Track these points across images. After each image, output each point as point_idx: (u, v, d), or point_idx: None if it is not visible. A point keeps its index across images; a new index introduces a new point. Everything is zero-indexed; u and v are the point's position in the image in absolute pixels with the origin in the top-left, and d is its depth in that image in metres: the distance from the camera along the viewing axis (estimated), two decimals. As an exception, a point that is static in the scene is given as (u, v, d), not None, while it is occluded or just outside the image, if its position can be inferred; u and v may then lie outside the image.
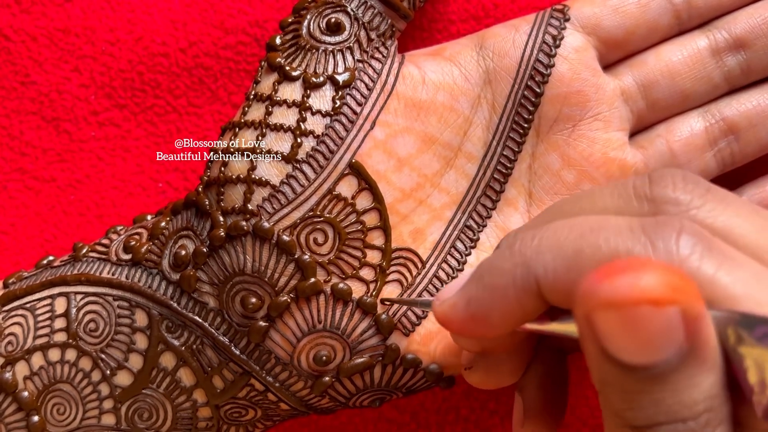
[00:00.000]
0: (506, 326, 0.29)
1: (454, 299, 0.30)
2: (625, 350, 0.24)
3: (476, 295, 0.29)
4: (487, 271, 0.29)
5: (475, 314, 0.29)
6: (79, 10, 0.44)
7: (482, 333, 0.30)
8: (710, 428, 0.25)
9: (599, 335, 0.25)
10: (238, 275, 0.36)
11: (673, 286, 0.24)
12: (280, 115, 0.36)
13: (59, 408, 0.37)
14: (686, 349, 0.24)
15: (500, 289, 0.28)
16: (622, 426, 0.26)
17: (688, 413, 0.25)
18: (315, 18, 0.38)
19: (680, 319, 0.24)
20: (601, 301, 0.24)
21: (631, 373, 0.25)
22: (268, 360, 0.36)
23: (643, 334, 0.24)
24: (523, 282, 0.28)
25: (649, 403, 0.25)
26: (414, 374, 0.37)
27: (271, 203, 0.35)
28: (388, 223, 0.36)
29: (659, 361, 0.24)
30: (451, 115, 0.37)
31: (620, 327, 0.24)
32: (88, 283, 0.37)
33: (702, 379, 0.25)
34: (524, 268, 0.28)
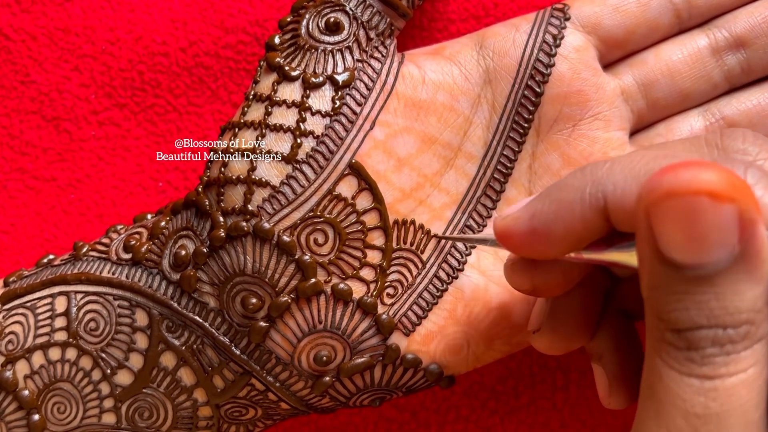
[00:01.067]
0: (567, 244, 0.29)
1: (517, 213, 0.30)
2: (679, 248, 0.25)
3: (541, 209, 0.29)
4: (556, 188, 0.29)
5: (538, 228, 0.29)
6: (79, 9, 0.44)
7: (541, 250, 0.30)
8: (749, 341, 0.25)
9: (656, 231, 0.25)
10: (239, 275, 0.36)
11: (734, 185, 0.24)
12: (280, 116, 0.36)
13: (60, 407, 0.37)
14: (737, 253, 0.25)
15: (567, 204, 0.29)
16: (664, 330, 0.26)
17: (729, 320, 0.25)
18: (314, 17, 0.38)
19: (736, 219, 0.24)
20: (662, 191, 0.24)
21: (680, 273, 0.25)
22: (268, 360, 0.36)
23: (697, 230, 0.24)
24: (591, 198, 0.28)
25: (693, 305, 0.25)
26: (414, 374, 0.37)
27: (271, 204, 0.36)
28: (389, 223, 0.36)
29: (709, 261, 0.25)
30: (451, 115, 0.37)
31: (676, 220, 0.25)
32: (88, 283, 0.37)
33: (748, 288, 0.25)
34: (594, 185, 0.28)
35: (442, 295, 0.37)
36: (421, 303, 0.37)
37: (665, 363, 0.26)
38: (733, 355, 0.25)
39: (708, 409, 0.26)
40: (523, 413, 0.43)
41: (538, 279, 0.32)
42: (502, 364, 0.43)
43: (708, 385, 0.26)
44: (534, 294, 0.33)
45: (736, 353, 0.25)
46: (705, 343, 0.25)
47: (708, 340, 0.25)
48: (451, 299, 0.37)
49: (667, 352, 0.26)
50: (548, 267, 0.32)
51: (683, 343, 0.26)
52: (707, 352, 0.26)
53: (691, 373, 0.26)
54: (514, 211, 0.31)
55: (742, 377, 0.25)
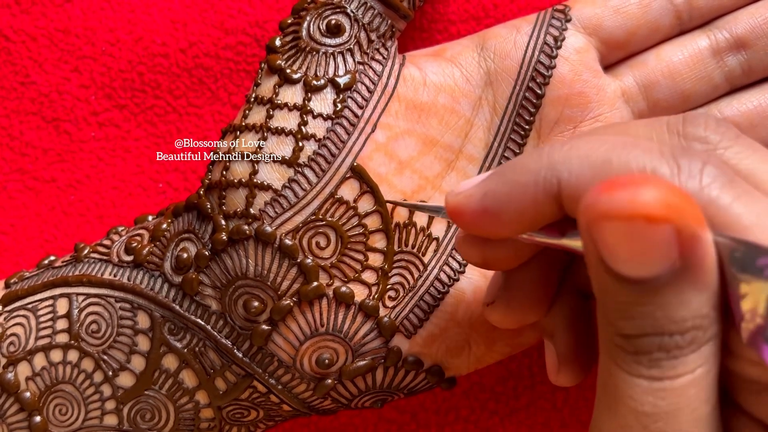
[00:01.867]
0: (516, 226, 0.29)
1: (470, 191, 0.30)
2: (621, 262, 0.25)
3: (494, 188, 0.29)
4: (510, 168, 0.29)
5: (489, 208, 0.29)
6: (79, 10, 0.44)
7: (491, 230, 0.30)
8: (695, 346, 0.26)
9: (598, 245, 0.25)
10: (241, 279, 0.36)
11: (670, 205, 0.24)
12: (282, 119, 0.36)
13: (61, 408, 0.37)
14: (678, 267, 0.25)
15: (520, 186, 0.28)
16: (613, 334, 0.27)
17: (675, 328, 0.25)
18: (315, 19, 0.37)
19: (674, 237, 0.24)
20: (600, 212, 0.24)
21: (624, 285, 0.25)
22: (270, 363, 0.36)
23: (636, 249, 0.25)
24: (545, 182, 0.28)
25: (640, 315, 0.26)
26: (416, 376, 0.37)
27: (273, 207, 0.35)
28: (390, 226, 0.36)
29: (651, 276, 0.25)
30: (452, 117, 0.37)
31: (616, 239, 0.25)
32: (89, 285, 0.37)
33: (692, 297, 0.25)
34: (549, 169, 0.28)
35: (443, 297, 0.37)
36: (423, 305, 0.37)
37: (615, 364, 0.27)
38: (680, 359, 0.26)
39: (657, 407, 0.26)
40: (523, 414, 0.43)
41: (489, 253, 0.32)
42: (502, 365, 0.43)
43: (656, 385, 0.26)
44: (485, 267, 0.33)
45: (684, 356, 0.26)
46: (651, 348, 0.26)
47: (654, 345, 0.26)
48: (452, 301, 0.37)
49: (616, 354, 0.27)
50: (499, 242, 0.32)
51: (631, 348, 0.26)
52: (654, 356, 0.26)
53: (640, 374, 0.26)
54: (466, 188, 0.30)
55: (690, 378, 0.26)
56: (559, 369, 0.34)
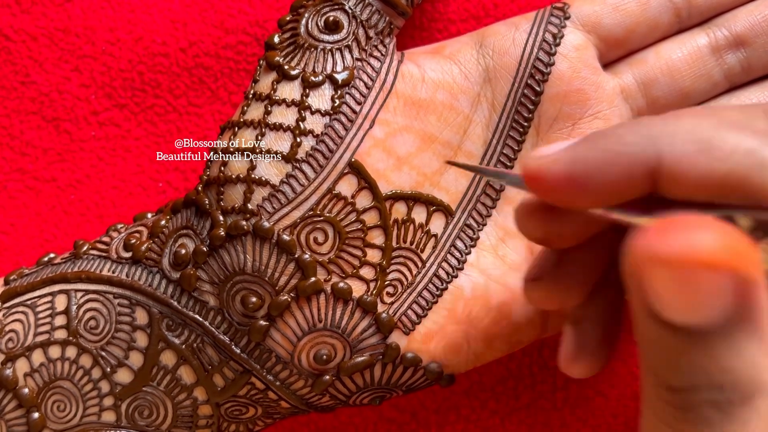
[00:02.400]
0: (603, 198, 0.28)
1: (557, 155, 0.28)
2: (670, 307, 0.24)
3: (585, 155, 0.28)
4: (603, 137, 0.28)
5: (576, 176, 0.28)
6: (79, 10, 0.45)
7: (574, 200, 0.28)
8: (748, 398, 0.24)
9: (646, 290, 0.24)
10: (239, 274, 0.36)
11: (731, 250, 0.23)
12: (280, 115, 0.36)
13: (59, 405, 0.37)
14: (732, 314, 0.23)
15: (615, 155, 0.27)
16: (659, 386, 0.25)
17: (728, 380, 0.24)
18: (313, 16, 0.38)
19: (731, 282, 0.23)
20: (652, 256, 0.23)
21: (673, 332, 0.24)
22: (268, 359, 0.36)
23: (690, 294, 0.23)
24: (645, 154, 0.27)
25: (689, 365, 0.24)
26: (414, 373, 0.37)
27: (271, 203, 0.36)
28: (389, 222, 0.36)
29: (703, 323, 0.24)
30: (451, 114, 0.37)
31: (667, 285, 0.23)
32: (88, 281, 0.37)
33: (746, 345, 0.24)
34: (650, 140, 0.27)
35: (441, 294, 0.37)
36: (421, 302, 0.37)
37: (660, 420, 0.25)
38: (730, 415, 0.24)
39: None
40: (524, 413, 0.43)
41: (554, 228, 0.31)
42: (502, 365, 0.43)
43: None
44: (542, 243, 0.32)
45: (734, 413, 0.24)
46: (701, 404, 0.24)
47: (704, 401, 0.24)
48: (450, 298, 0.37)
49: (662, 409, 0.25)
50: (568, 217, 0.31)
51: (677, 401, 0.25)
52: (704, 413, 0.24)
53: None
54: (552, 152, 0.29)
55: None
56: (574, 358, 0.33)
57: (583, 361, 0.33)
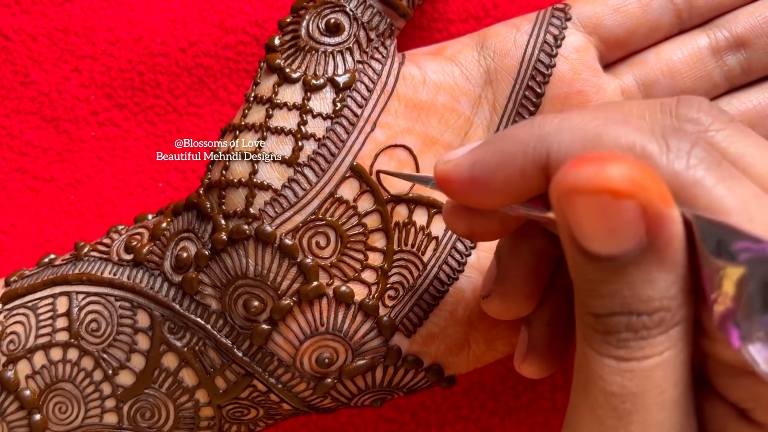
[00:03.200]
0: (504, 197, 0.29)
1: (459, 159, 0.30)
2: (589, 239, 0.25)
3: (483, 157, 0.29)
4: (500, 138, 0.29)
5: (477, 177, 0.29)
6: (79, 10, 0.44)
7: (479, 200, 0.30)
8: (663, 327, 0.26)
9: (568, 221, 0.25)
10: (241, 278, 0.36)
11: (635, 181, 0.24)
12: (281, 118, 0.36)
13: (61, 407, 0.37)
14: (645, 245, 0.25)
15: (509, 156, 0.28)
16: (584, 313, 0.27)
17: (642, 308, 0.26)
18: (314, 18, 0.37)
19: (639, 214, 0.25)
20: (569, 186, 0.25)
21: (593, 263, 0.26)
22: (270, 362, 0.36)
23: (603, 225, 0.25)
24: (534, 153, 0.28)
25: (608, 293, 0.26)
26: (415, 375, 0.37)
27: (273, 207, 0.36)
28: (390, 225, 0.36)
29: (618, 254, 0.25)
30: (452, 116, 0.37)
31: (584, 214, 0.25)
32: (89, 283, 0.37)
33: (659, 277, 0.25)
34: (540, 140, 0.28)
35: (442, 296, 0.37)
36: (422, 304, 0.37)
37: (587, 344, 0.27)
38: (648, 340, 0.26)
39: (624, 388, 0.26)
40: (523, 413, 0.43)
41: (475, 225, 0.32)
42: (502, 365, 0.43)
43: (624, 366, 0.26)
44: (471, 239, 0.33)
45: (651, 338, 0.26)
46: (620, 328, 0.26)
47: (622, 325, 0.26)
48: (451, 300, 0.37)
49: (588, 334, 0.27)
50: (486, 214, 0.32)
51: (601, 327, 0.26)
52: (622, 336, 0.26)
53: (609, 354, 0.26)
54: (456, 156, 0.30)
55: (657, 360, 0.26)
56: (525, 358, 0.34)
57: (533, 361, 0.34)
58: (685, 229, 0.26)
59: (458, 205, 0.32)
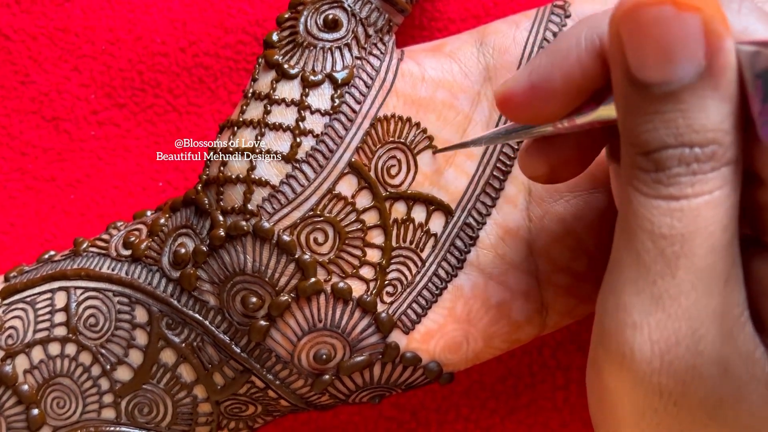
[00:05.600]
0: (567, 97, 0.29)
1: (516, 75, 0.30)
2: (645, 64, 0.25)
3: (539, 63, 0.29)
4: (554, 41, 0.29)
5: (536, 83, 0.29)
6: (79, 9, 0.45)
7: (542, 107, 0.29)
8: (716, 162, 0.26)
9: (624, 48, 0.25)
10: (239, 275, 0.36)
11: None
12: (279, 115, 0.36)
13: (59, 402, 0.37)
14: (702, 68, 0.25)
15: (563, 52, 0.28)
16: (635, 155, 0.27)
17: (696, 138, 0.26)
18: (312, 14, 0.37)
19: (700, 31, 0.25)
20: (629, 4, 0.25)
21: (648, 92, 0.26)
22: (268, 358, 0.36)
23: (662, 43, 0.25)
24: (587, 42, 0.28)
25: (661, 124, 0.26)
26: (413, 372, 0.37)
27: (271, 203, 0.36)
28: (388, 222, 0.36)
29: (674, 76, 0.25)
30: (451, 113, 0.37)
31: (642, 34, 0.25)
32: (87, 278, 0.37)
33: (714, 105, 0.26)
34: (591, 28, 0.28)
35: (441, 293, 0.37)
36: (421, 301, 0.37)
37: (635, 188, 0.27)
38: (699, 176, 0.26)
39: (673, 229, 0.26)
40: (523, 413, 0.43)
41: (554, 158, 0.32)
42: (502, 364, 0.43)
43: (674, 205, 0.26)
44: (553, 180, 0.33)
45: (703, 173, 0.26)
46: (672, 163, 0.26)
47: (675, 159, 0.26)
48: (450, 297, 0.37)
49: (637, 177, 0.27)
50: (562, 143, 0.32)
51: (651, 165, 0.26)
52: (674, 171, 0.26)
53: (658, 194, 0.26)
54: (512, 75, 0.30)
55: (708, 198, 0.26)
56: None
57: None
58: None
59: (533, 143, 0.32)
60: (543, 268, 0.37)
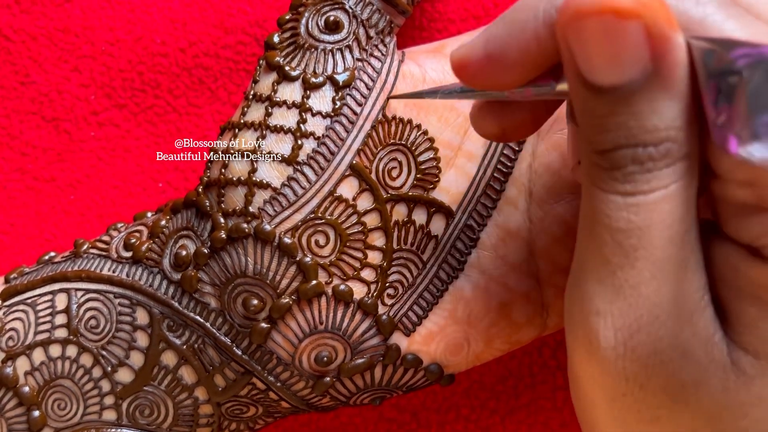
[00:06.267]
0: (522, 69, 0.28)
1: (473, 41, 0.29)
2: (594, 68, 0.25)
3: (495, 32, 0.29)
4: (511, 10, 0.29)
5: (492, 52, 0.29)
6: (78, 10, 0.45)
7: (498, 77, 0.29)
8: (669, 160, 0.26)
9: (573, 51, 0.26)
10: (240, 277, 0.36)
11: (641, 2, 0.24)
12: (280, 117, 0.36)
13: (60, 403, 0.37)
14: (650, 70, 0.25)
15: (520, 23, 0.28)
16: (590, 152, 0.27)
17: (648, 138, 0.26)
18: (313, 16, 0.37)
19: (643, 36, 0.25)
20: (573, 10, 0.25)
21: (599, 96, 0.26)
22: (269, 360, 0.36)
23: (608, 50, 0.25)
24: (545, 15, 0.27)
25: (614, 126, 0.26)
26: (414, 374, 0.37)
27: (272, 205, 0.35)
28: (389, 224, 0.36)
29: (623, 81, 0.25)
30: (452, 114, 0.37)
31: (589, 40, 0.25)
32: (88, 280, 0.37)
33: (665, 105, 0.26)
34: (549, 1, 0.27)
35: (442, 295, 0.37)
36: (422, 303, 0.37)
37: (593, 184, 0.27)
38: (654, 172, 0.26)
39: (630, 223, 0.26)
40: (524, 413, 0.43)
41: (506, 120, 0.31)
42: (502, 364, 0.43)
43: (630, 201, 0.26)
44: (503, 139, 0.32)
45: (657, 170, 0.26)
46: (626, 162, 0.26)
47: (628, 158, 0.26)
48: (451, 299, 0.37)
49: (594, 173, 0.27)
50: (515, 106, 0.31)
51: (607, 163, 0.26)
52: (628, 170, 0.26)
53: (615, 190, 0.26)
54: (469, 40, 0.29)
55: (663, 193, 0.26)
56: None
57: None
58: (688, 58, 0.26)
59: (484, 104, 0.32)
60: (543, 269, 0.37)
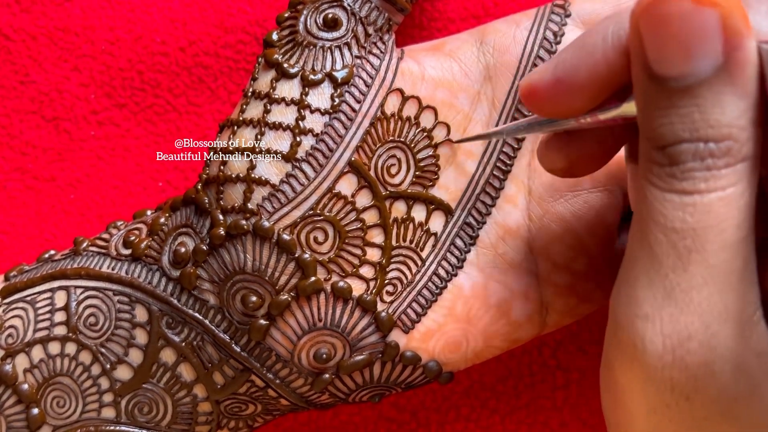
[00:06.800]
0: (592, 91, 0.29)
1: (542, 67, 0.30)
2: (663, 58, 0.26)
3: (564, 57, 0.29)
4: (581, 35, 0.29)
5: (561, 77, 0.29)
6: (78, 9, 0.45)
7: (567, 102, 0.29)
8: (730, 159, 0.26)
9: (643, 43, 0.26)
10: (239, 274, 0.36)
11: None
12: (279, 114, 0.36)
13: (59, 401, 0.37)
14: (720, 63, 0.25)
15: (589, 47, 0.28)
16: (650, 149, 0.27)
17: (711, 134, 0.26)
18: (312, 13, 0.37)
19: (719, 26, 0.25)
20: (648, 2, 0.25)
21: (665, 87, 0.26)
22: (268, 357, 0.36)
23: (680, 37, 0.25)
24: (613, 37, 0.28)
25: (677, 119, 0.26)
26: (413, 371, 0.37)
27: (271, 202, 0.35)
28: (388, 221, 0.36)
29: (691, 70, 0.25)
30: (451, 112, 0.37)
31: (661, 28, 0.25)
32: (88, 278, 0.37)
33: (730, 101, 0.26)
34: (617, 24, 0.28)
35: (441, 292, 0.37)
36: (421, 300, 0.37)
37: (649, 182, 0.27)
38: (713, 171, 0.26)
39: (685, 223, 0.26)
40: (524, 413, 0.43)
41: (573, 152, 0.32)
42: (502, 364, 0.43)
43: (687, 200, 0.26)
44: (571, 174, 0.32)
45: (717, 169, 0.26)
46: (686, 158, 0.26)
47: (689, 153, 0.26)
48: (450, 297, 0.37)
49: (651, 171, 0.27)
50: (582, 138, 0.31)
51: (666, 159, 0.26)
52: (687, 166, 0.26)
53: (672, 188, 0.26)
54: (538, 67, 0.30)
55: (721, 195, 0.26)
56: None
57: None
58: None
59: (551, 138, 0.32)
60: (543, 267, 0.37)
